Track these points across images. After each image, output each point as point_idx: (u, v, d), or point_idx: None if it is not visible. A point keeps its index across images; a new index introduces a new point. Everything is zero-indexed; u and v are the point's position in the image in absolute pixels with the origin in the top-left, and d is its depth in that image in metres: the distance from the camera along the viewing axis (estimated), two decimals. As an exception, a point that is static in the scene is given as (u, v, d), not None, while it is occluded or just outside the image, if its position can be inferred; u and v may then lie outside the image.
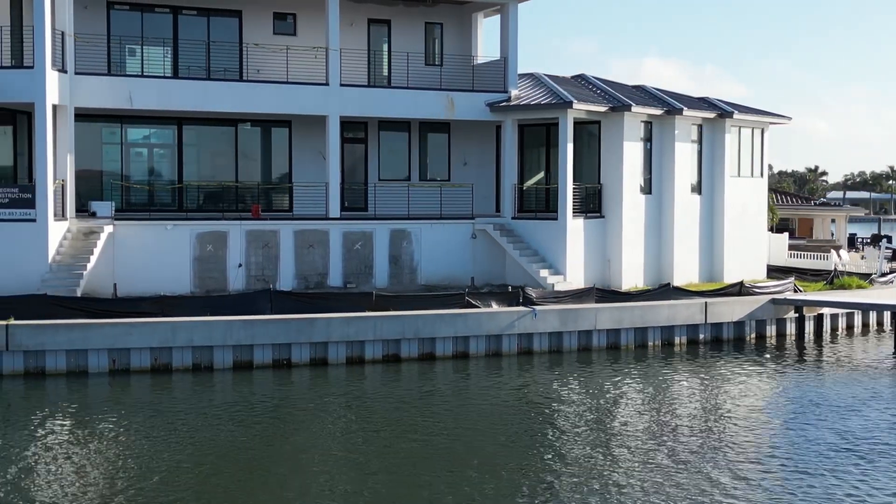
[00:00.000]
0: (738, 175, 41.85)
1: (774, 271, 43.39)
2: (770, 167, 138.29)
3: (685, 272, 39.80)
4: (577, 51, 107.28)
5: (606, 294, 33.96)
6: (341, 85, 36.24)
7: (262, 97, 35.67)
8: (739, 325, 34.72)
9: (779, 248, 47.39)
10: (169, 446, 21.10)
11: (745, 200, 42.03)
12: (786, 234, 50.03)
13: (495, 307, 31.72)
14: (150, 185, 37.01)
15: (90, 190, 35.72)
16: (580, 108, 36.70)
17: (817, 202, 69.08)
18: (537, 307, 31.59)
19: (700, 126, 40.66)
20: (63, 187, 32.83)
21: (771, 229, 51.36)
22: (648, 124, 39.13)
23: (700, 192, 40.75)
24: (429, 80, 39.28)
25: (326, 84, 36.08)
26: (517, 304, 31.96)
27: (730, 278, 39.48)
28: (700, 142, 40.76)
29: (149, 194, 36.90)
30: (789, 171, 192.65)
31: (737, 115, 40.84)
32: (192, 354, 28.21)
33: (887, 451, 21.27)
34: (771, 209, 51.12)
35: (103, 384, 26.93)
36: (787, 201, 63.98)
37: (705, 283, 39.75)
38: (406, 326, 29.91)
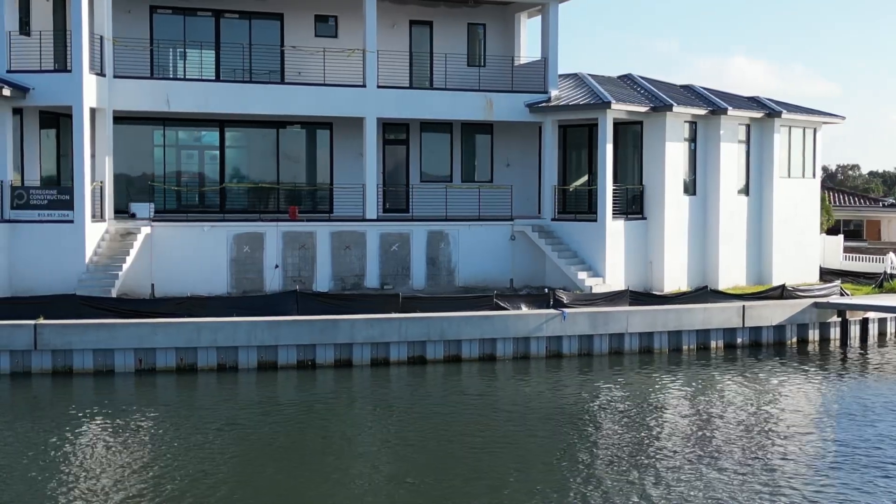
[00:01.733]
0: (789, 176, 41.01)
1: (828, 274, 42.47)
2: (857, 167, 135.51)
3: (731, 275, 39.13)
4: (660, 50, 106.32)
5: (640, 297, 33.49)
6: (378, 87, 36.32)
7: (301, 99, 35.91)
8: (780, 329, 34.02)
9: (833, 251, 46.35)
10: (196, 444, 21.36)
11: (796, 202, 41.19)
12: (840, 237, 48.88)
13: (524, 309, 31.49)
14: (187, 188, 37.52)
15: (140, 191, 36.43)
16: (620, 109, 36.28)
17: (886, 203, 67.38)
18: (567, 310, 31.28)
19: (748, 126, 39.93)
20: (101, 189, 33.40)
21: (834, 230, 50.38)
22: (693, 124, 38.55)
23: (748, 194, 40.02)
24: (471, 82, 39.22)
25: (363, 86, 36.18)
26: (547, 307, 31.69)
27: (779, 281, 38.63)
28: (748, 142, 40.04)
29: (191, 196, 37.42)
30: (879, 171, 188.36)
31: (786, 115, 40.02)
32: (217, 355, 28.49)
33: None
34: (827, 210, 50.02)
35: (129, 383, 27.33)
36: (854, 202, 62.55)
37: (753, 286, 39.02)
38: (431, 328, 29.86)
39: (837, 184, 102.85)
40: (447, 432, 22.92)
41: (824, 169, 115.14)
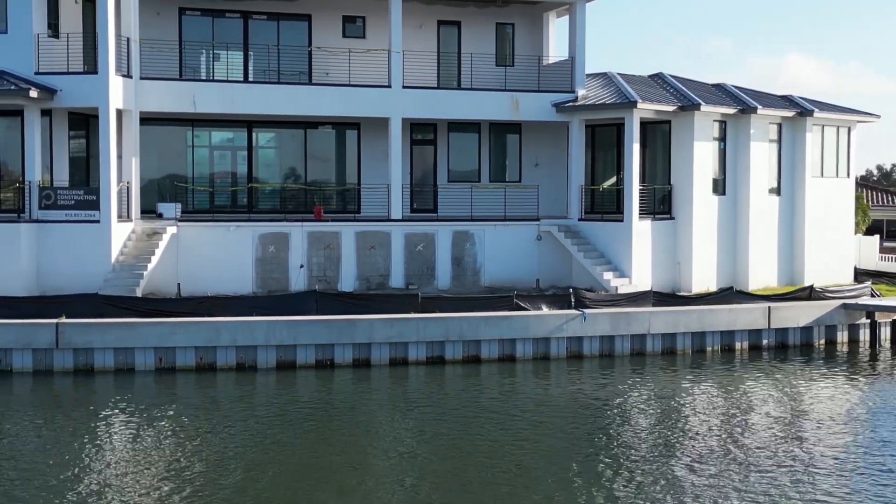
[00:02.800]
0: (822, 175, 40.52)
1: (863, 275, 41.82)
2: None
3: (762, 276, 38.71)
4: (712, 50, 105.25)
5: (664, 298, 33.25)
6: (404, 87, 36.40)
7: (327, 100, 36.10)
8: (807, 330, 33.62)
9: (869, 252, 45.69)
10: (218, 441, 21.68)
11: (829, 202, 40.67)
12: (876, 237, 48.17)
13: (545, 310, 31.40)
14: (213, 188, 37.84)
15: (168, 192, 36.90)
16: (647, 108, 36.05)
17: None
18: (588, 310, 31.15)
19: (779, 125, 39.50)
20: (128, 189, 33.79)
21: (874, 231, 49.67)
22: (722, 123, 38.21)
23: (779, 193, 39.58)
24: (500, 82, 39.19)
25: (389, 86, 36.28)
26: (569, 307, 31.57)
27: (811, 282, 38.17)
28: (780, 141, 39.60)
29: (219, 196, 37.77)
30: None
31: (818, 114, 39.53)
32: (236, 354, 28.71)
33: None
34: (863, 211, 49.33)
35: (150, 382, 27.62)
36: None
37: (784, 286, 38.51)
38: (450, 328, 29.87)
39: (893, 183, 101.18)
40: (468, 430, 23.00)
41: (879, 168, 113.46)
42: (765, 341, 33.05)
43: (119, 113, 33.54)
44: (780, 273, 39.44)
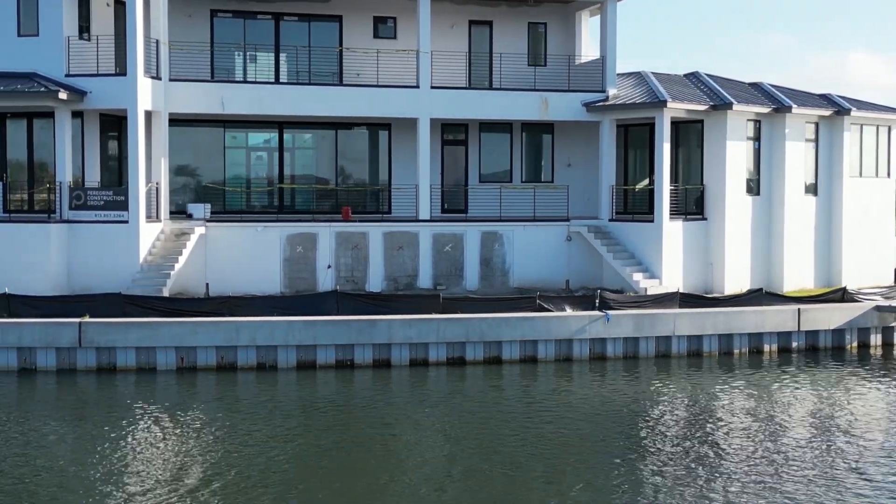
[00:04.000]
0: (860, 175, 39.82)
1: (906, 277, 41.04)
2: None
3: (798, 277, 38.11)
4: (774, 46, 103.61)
5: (691, 299, 32.84)
6: (432, 87, 36.36)
7: (356, 101, 36.18)
8: (839, 333, 33.01)
9: (912, 252, 44.69)
10: (240, 439, 21.93)
11: (868, 202, 39.94)
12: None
13: (569, 311, 31.18)
14: (241, 188, 38.12)
15: (199, 192, 37.25)
16: (677, 107, 35.67)
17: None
18: (611, 312, 30.86)
19: (816, 124, 38.86)
20: (157, 190, 34.11)
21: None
22: (757, 123, 37.67)
23: (816, 193, 38.95)
24: (532, 81, 38.98)
25: (417, 87, 36.26)
26: (593, 308, 31.31)
27: (849, 283, 37.54)
28: (816, 140, 38.97)
29: (250, 196, 38.02)
30: None
31: (855, 113, 38.84)
32: (257, 354, 28.83)
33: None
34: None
35: (171, 381, 27.82)
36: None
37: (821, 288, 37.84)
38: (470, 329, 29.75)
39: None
40: (490, 431, 23.01)
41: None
42: (794, 344, 32.50)
43: (148, 114, 33.86)
44: (816, 275, 38.80)
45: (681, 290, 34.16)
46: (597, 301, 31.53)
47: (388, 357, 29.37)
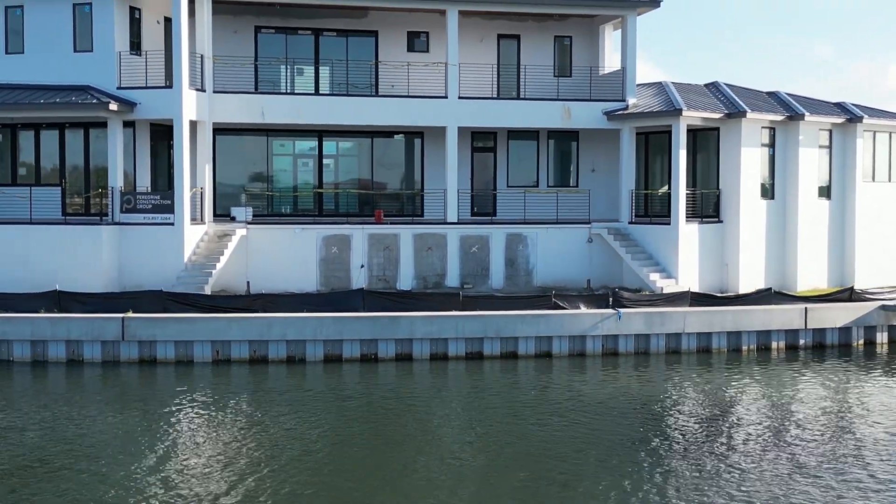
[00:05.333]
0: (873, 180, 38.96)
1: (917, 277, 40.04)
2: None
3: (811, 278, 37.36)
4: (815, 56, 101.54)
5: (701, 298, 32.31)
6: (460, 97, 36.22)
7: (388, 110, 36.15)
8: (845, 331, 32.27)
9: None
10: (273, 426, 22.12)
11: (881, 205, 39.05)
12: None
13: (583, 309, 30.82)
14: (279, 193, 38.24)
15: (244, 196, 37.52)
16: (693, 115, 35.16)
17: None
18: (623, 310, 30.46)
19: (830, 131, 38.09)
20: (202, 194, 34.32)
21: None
22: (771, 130, 37.01)
23: (829, 197, 38.17)
24: (558, 91, 38.65)
25: (445, 97, 36.13)
26: (606, 306, 30.94)
27: (862, 284, 36.75)
28: (830, 147, 38.20)
29: (288, 201, 38.18)
30: None
31: (867, 120, 38.00)
32: (287, 347, 28.86)
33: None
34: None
35: (207, 372, 27.96)
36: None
37: (834, 289, 37.06)
38: (488, 326, 29.53)
39: None
40: (510, 423, 22.94)
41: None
42: (802, 341, 31.83)
43: (193, 124, 34.09)
44: (829, 276, 38.03)
45: (697, 290, 33.71)
46: (610, 300, 31.13)
47: (410, 351, 29.26)
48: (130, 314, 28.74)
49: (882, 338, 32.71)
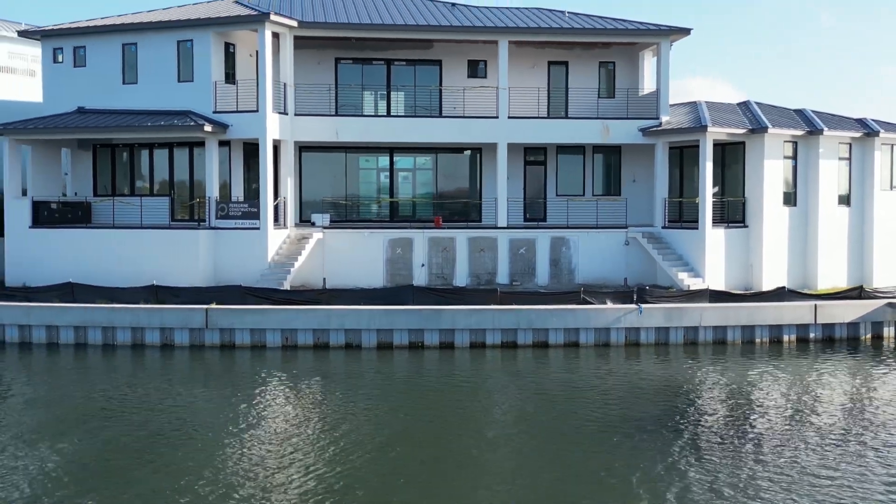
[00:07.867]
0: (891, 189, 37.36)
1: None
2: None
3: (830, 279, 35.98)
4: (882, 76, 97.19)
5: (719, 295, 31.43)
6: (509, 117, 36.03)
7: (447, 129, 36.21)
8: (853, 326, 30.99)
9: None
10: (337, 402, 22.67)
11: (898, 212, 37.45)
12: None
13: (609, 304, 30.32)
14: (351, 202, 38.53)
15: (325, 205, 37.94)
16: (718, 131, 34.26)
17: None
18: (644, 304, 29.86)
19: (849, 144, 36.67)
20: (285, 203, 34.90)
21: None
22: (794, 143, 35.81)
23: (849, 204, 36.72)
24: (603, 111, 38.15)
25: (496, 117, 36.00)
26: (631, 302, 30.38)
27: (880, 285, 35.27)
28: (850, 159, 36.78)
29: (364, 208, 38.57)
30: None
31: (884, 134, 36.47)
32: (345, 336, 29.13)
33: None
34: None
35: (277, 357, 28.38)
36: None
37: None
38: (521, 318, 29.27)
39: None
40: (539, 406, 22.72)
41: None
42: (812, 335, 30.67)
43: (277, 143, 34.69)
44: (849, 277, 36.56)
45: (723, 289, 32.82)
46: (634, 296, 30.56)
47: (452, 341, 29.19)
48: (213, 305, 29.39)
49: (889, 332, 31.27)
